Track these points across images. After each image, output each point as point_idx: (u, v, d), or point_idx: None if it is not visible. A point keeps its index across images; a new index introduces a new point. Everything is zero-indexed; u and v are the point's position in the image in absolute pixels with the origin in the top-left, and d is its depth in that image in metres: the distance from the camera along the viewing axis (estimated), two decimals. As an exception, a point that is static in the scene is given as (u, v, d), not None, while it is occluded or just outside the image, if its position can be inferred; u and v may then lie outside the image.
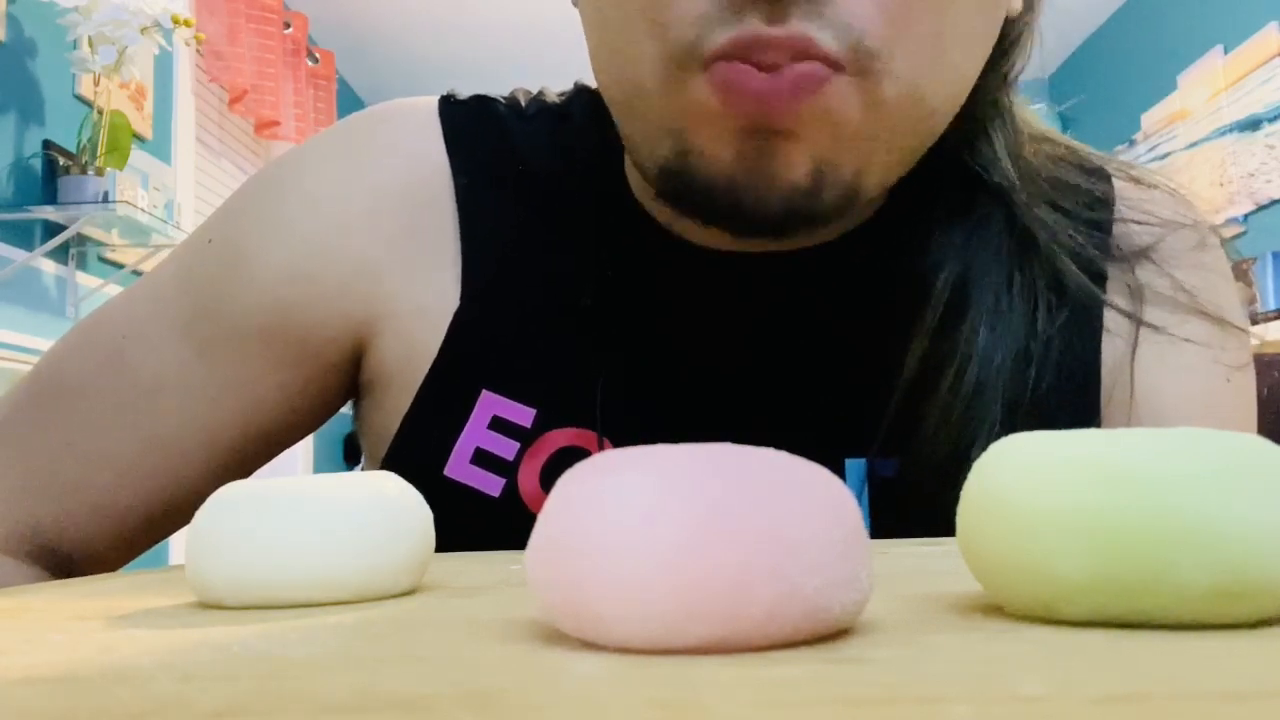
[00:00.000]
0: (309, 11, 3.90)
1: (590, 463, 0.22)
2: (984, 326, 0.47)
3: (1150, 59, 4.05)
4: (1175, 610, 0.20)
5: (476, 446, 0.49)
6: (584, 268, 0.50)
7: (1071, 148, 0.54)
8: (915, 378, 0.47)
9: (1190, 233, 0.52)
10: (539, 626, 0.23)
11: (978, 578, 0.23)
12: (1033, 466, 0.22)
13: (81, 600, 0.31)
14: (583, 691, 0.17)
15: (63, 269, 2.50)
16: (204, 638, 0.23)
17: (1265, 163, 3.32)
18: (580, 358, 0.49)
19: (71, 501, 0.50)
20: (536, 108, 0.55)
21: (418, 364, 0.50)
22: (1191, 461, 0.20)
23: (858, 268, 0.49)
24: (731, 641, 0.19)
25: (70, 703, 0.17)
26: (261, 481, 0.29)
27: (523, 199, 0.52)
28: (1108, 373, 0.50)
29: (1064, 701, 0.15)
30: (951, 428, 0.46)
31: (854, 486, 0.48)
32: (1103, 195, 0.53)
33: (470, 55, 4.53)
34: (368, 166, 0.52)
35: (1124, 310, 0.50)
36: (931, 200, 0.49)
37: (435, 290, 0.51)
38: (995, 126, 0.50)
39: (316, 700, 0.16)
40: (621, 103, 0.44)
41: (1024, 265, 0.49)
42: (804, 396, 0.49)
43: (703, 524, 0.19)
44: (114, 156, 2.36)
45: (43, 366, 0.52)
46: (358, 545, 0.28)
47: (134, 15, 2.20)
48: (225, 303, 0.50)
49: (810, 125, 0.39)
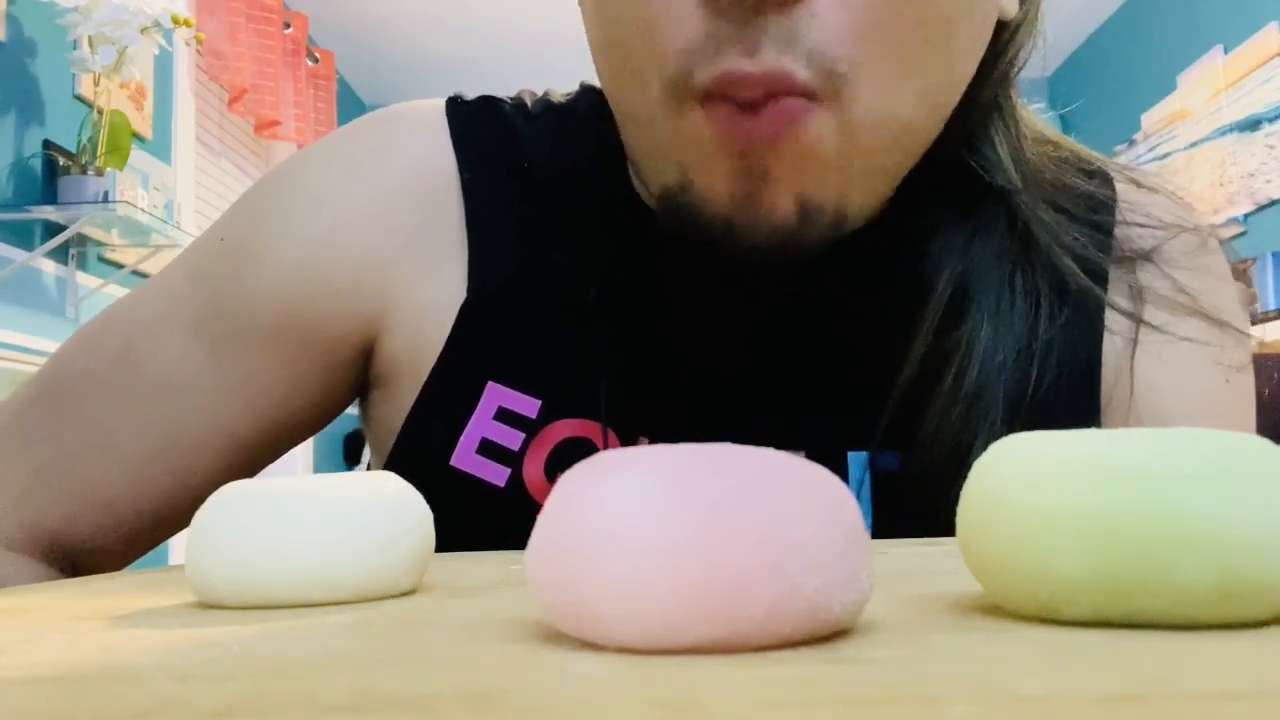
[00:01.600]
0: (309, 11, 3.90)
1: (590, 463, 0.22)
2: (986, 326, 0.47)
3: (1150, 59, 4.06)
4: (1175, 610, 0.20)
5: (482, 437, 0.50)
6: (588, 263, 0.51)
7: (1073, 151, 0.54)
8: (917, 375, 0.47)
9: (1191, 235, 0.53)
10: (539, 626, 0.23)
11: (977, 578, 0.23)
12: (1033, 466, 0.22)
13: (81, 600, 0.31)
14: (583, 691, 0.17)
15: (63, 269, 2.51)
16: (204, 638, 0.23)
17: (1265, 163, 3.32)
18: (585, 350, 0.50)
19: (80, 499, 0.50)
20: (542, 108, 0.56)
21: (425, 357, 0.51)
22: (1191, 461, 0.21)
23: (861, 266, 0.49)
24: (731, 641, 0.19)
25: (70, 703, 0.17)
26: (261, 481, 0.29)
27: (528, 196, 0.53)
28: (1108, 372, 0.50)
29: (1064, 701, 0.15)
30: (953, 425, 0.46)
31: (856, 479, 0.49)
32: (1104, 198, 0.53)
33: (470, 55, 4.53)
34: (376, 167, 0.53)
35: (1125, 310, 0.50)
36: (934, 201, 0.49)
37: (442, 286, 0.51)
38: (996, 128, 0.50)
39: (316, 700, 0.16)
40: (629, 122, 0.46)
41: (1026, 265, 0.49)
42: (806, 391, 0.50)
43: (703, 524, 0.19)
44: (114, 156, 2.36)
45: (51, 365, 0.53)
46: (358, 545, 0.28)
47: (134, 15, 2.20)
48: (236, 301, 0.51)
49: (790, 163, 0.41)
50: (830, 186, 0.42)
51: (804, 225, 0.42)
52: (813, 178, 0.41)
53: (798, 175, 0.41)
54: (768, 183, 0.41)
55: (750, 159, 0.41)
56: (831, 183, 0.42)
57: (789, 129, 0.40)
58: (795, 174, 0.41)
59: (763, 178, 0.41)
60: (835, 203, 0.43)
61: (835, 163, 0.41)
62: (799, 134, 0.40)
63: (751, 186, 0.41)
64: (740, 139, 0.40)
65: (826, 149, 0.41)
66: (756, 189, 0.41)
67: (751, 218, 0.42)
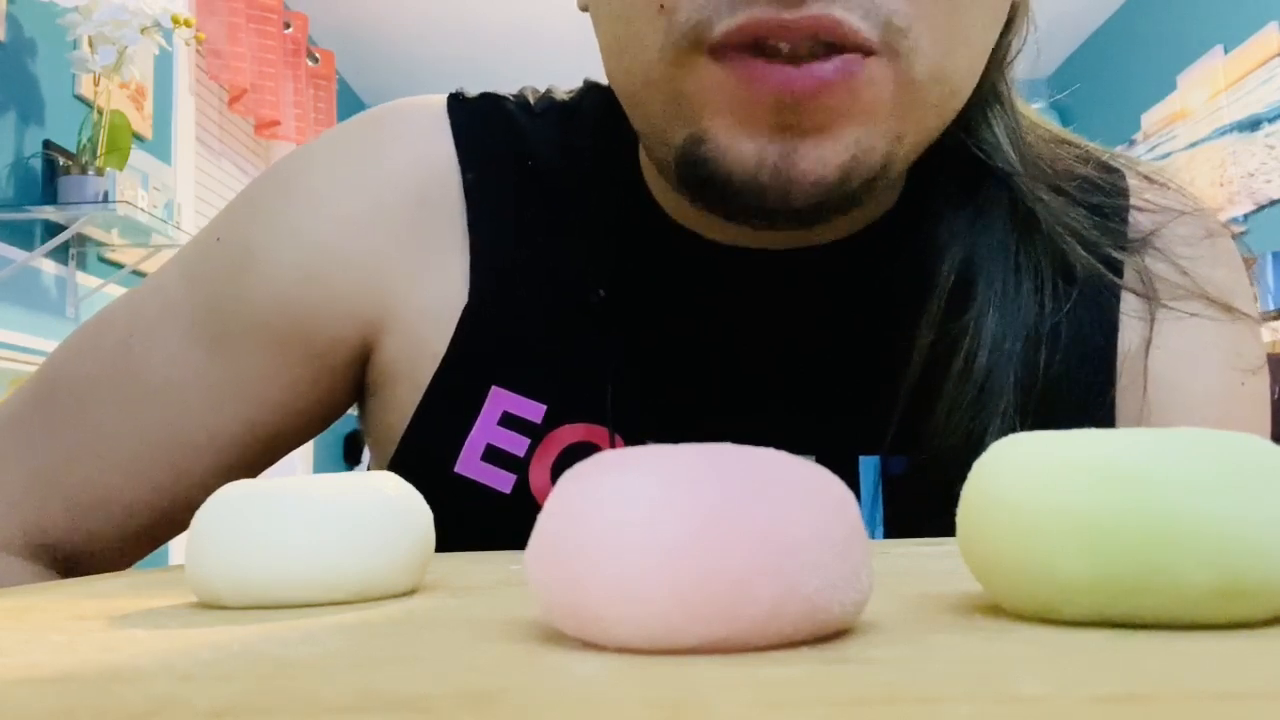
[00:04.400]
0: (309, 11, 3.90)
1: (591, 462, 0.22)
2: (992, 310, 0.47)
3: (1150, 59, 4.05)
4: (1175, 610, 0.20)
5: (487, 443, 0.49)
6: (594, 263, 0.50)
7: (1081, 144, 0.54)
8: (926, 367, 0.46)
9: (1201, 226, 0.52)
10: (539, 626, 0.23)
11: (978, 578, 0.23)
12: (1033, 466, 0.22)
13: (81, 600, 0.31)
14: (583, 691, 0.17)
15: (63, 269, 2.50)
16: (204, 638, 0.23)
17: (1265, 163, 3.31)
18: (590, 353, 0.49)
19: (78, 501, 0.50)
20: (545, 104, 0.55)
21: (427, 361, 0.50)
22: (1191, 462, 0.20)
23: (869, 262, 0.49)
24: (731, 641, 0.19)
25: (70, 703, 0.17)
26: (261, 481, 0.29)
27: (531, 195, 0.52)
28: (1122, 359, 0.49)
29: (1064, 701, 0.15)
30: (964, 414, 0.45)
31: (868, 483, 0.48)
32: (1116, 187, 0.53)
33: (471, 55, 4.53)
34: (375, 165, 0.52)
35: (1140, 293, 0.50)
36: (936, 188, 0.49)
37: (443, 287, 0.50)
38: (995, 112, 0.49)
39: (316, 700, 0.16)
40: (631, 95, 0.44)
41: (1029, 248, 0.49)
42: (816, 392, 0.49)
43: (703, 524, 0.19)
44: (114, 156, 2.36)
45: (49, 366, 0.53)
46: (358, 545, 0.28)
47: (134, 15, 2.20)
48: (233, 302, 0.50)
49: (845, 116, 0.38)
50: (881, 140, 0.40)
51: (844, 180, 0.40)
52: (865, 122, 0.39)
53: (852, 127, 0.39)
54: (810, 134, 0.39)
55: (784, 114, 0.38)
56: (884, 136, 0.40)
57: (844, 81, 0.37)
58: (850, 125, 0.39)
59: (803, 131, 0.39)
60: (883, 156, 0.40)
61: (894, 114, 0.39)
62: (855, 87, 0.38)
63: (791, 143, 0.39)
64: (773, 90, 0.37)
65: (884, 100, 0.39)
66: (796, 144, 0.39)
67: (787, 176, 0.39)
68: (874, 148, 0.40)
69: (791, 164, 0.39)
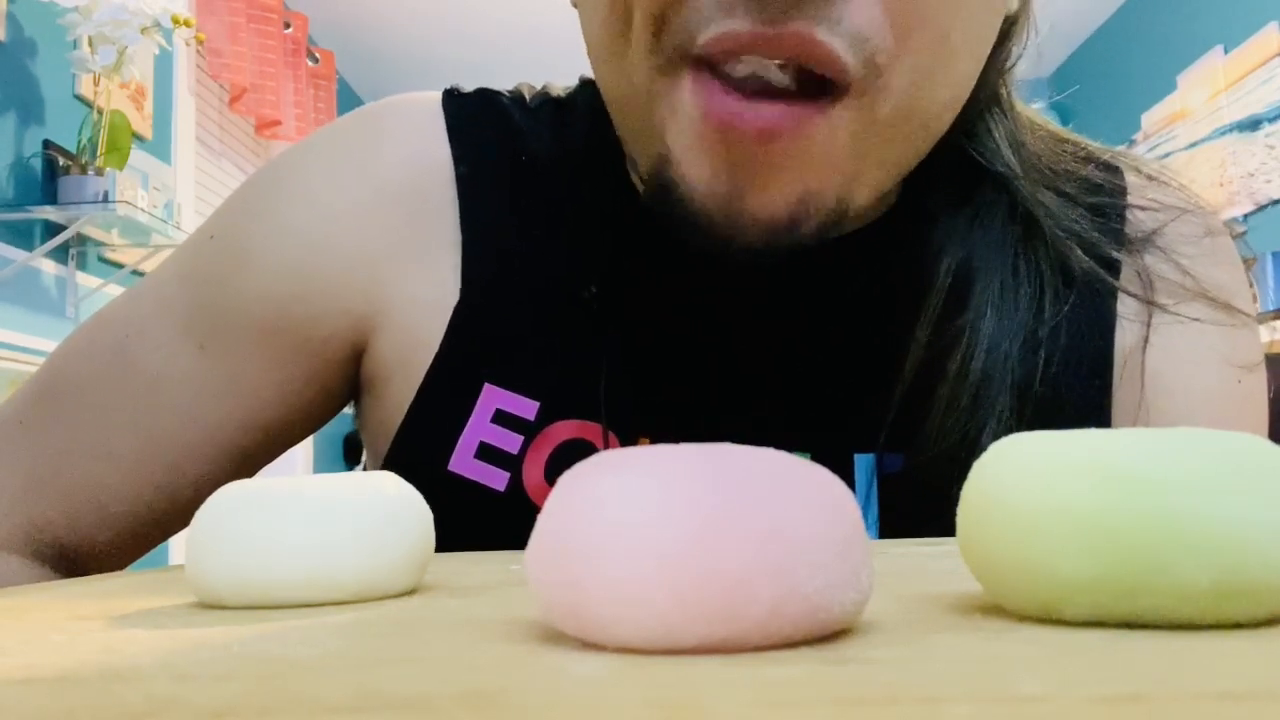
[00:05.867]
0: (309, 11, 3.90)
1: (590, 463, 0.22)
2: (990, 312, 0.46)
3: (1150, 59, 4.05)
4: (1175, 610, 0.20)
5: (480, 441, 0.49)
6: (587, 259, 0.50)
7: (1082, 143, 0.54)
8: (922, 367, 0.46)
9: (1201, 224, 0.52)
10: (539, 626, 0.23)
11: (978, 578, 0.23)
12: (1033, 466, 0.22)
13: (81, 600, 0.31)
14: (583, 691, 0.17)
15: (63, 269, 2.50)
16: (204, 638, 0.23)
17: (1265, 163, 3.31)
18: (583, 350, 0.49)
19: (76, 500, 0.50)
20: (540, 100, 0.55)
21: (419, 358, 0.50)
22: (1191, 461, 0.20)
23: (862, 258, 0.49)
24: (731, 641, 0.19)
25: (70, 703, 0.17)
26: (261, 481, 0.29)
27: (525, 190, 0.52)
28: (1120, 361, 0.49)
29: (1064, 701, 0.15)
30: (960, 415, 0.45)
31: (863, 482, 0.48)
32: (1114, 186, 0.53)
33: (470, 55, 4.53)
34: (368, 161, 0.52)
35: (1137, 296, 0.50)
36: (933, 189, 0.49)
37: (435, 283, 0.50)
38: (994, 116, 0.49)
39: (316, 700, 0.16)
40: (616, 104, 0.44)
41: (1028, 251, 0.48)
42: (810, 390, 0.49)
43: (703, 524, 0.19)
44: (114, 156, 2.36)
45: (47, 366, 0.53)
46: (358, 545, 0.28)
47: (134, 15, 2.20)
48: (226, 299, 0.50)
49: (792, 167, 0.38)
50: (836, 181, 0.40)
51: (795, 222, 0.40)
52: (815, 173, 0.39)
53: (798, 170, 0.39)
54: (758, 175, 0.39)
55: (733, 149, 0.38)
56: (838, 177, 0.40)
57: (794, 130, 0.37)
58: (795, 168, 0.39)
59: (751, 171, 0.38)
60: (837, 198, 0.41)
61: (851, 155, 0.39)
62: (805, 137, 0.37)
63: (738, 180, 0.39)
64: (720, 121, 0.37)
65: (839, 144, 0.38)
66: (744, 183, 0.39)
67: (736, 214, 0.39)
68: (824, 193, 0.40)
69: (740, 200, 0.39)
